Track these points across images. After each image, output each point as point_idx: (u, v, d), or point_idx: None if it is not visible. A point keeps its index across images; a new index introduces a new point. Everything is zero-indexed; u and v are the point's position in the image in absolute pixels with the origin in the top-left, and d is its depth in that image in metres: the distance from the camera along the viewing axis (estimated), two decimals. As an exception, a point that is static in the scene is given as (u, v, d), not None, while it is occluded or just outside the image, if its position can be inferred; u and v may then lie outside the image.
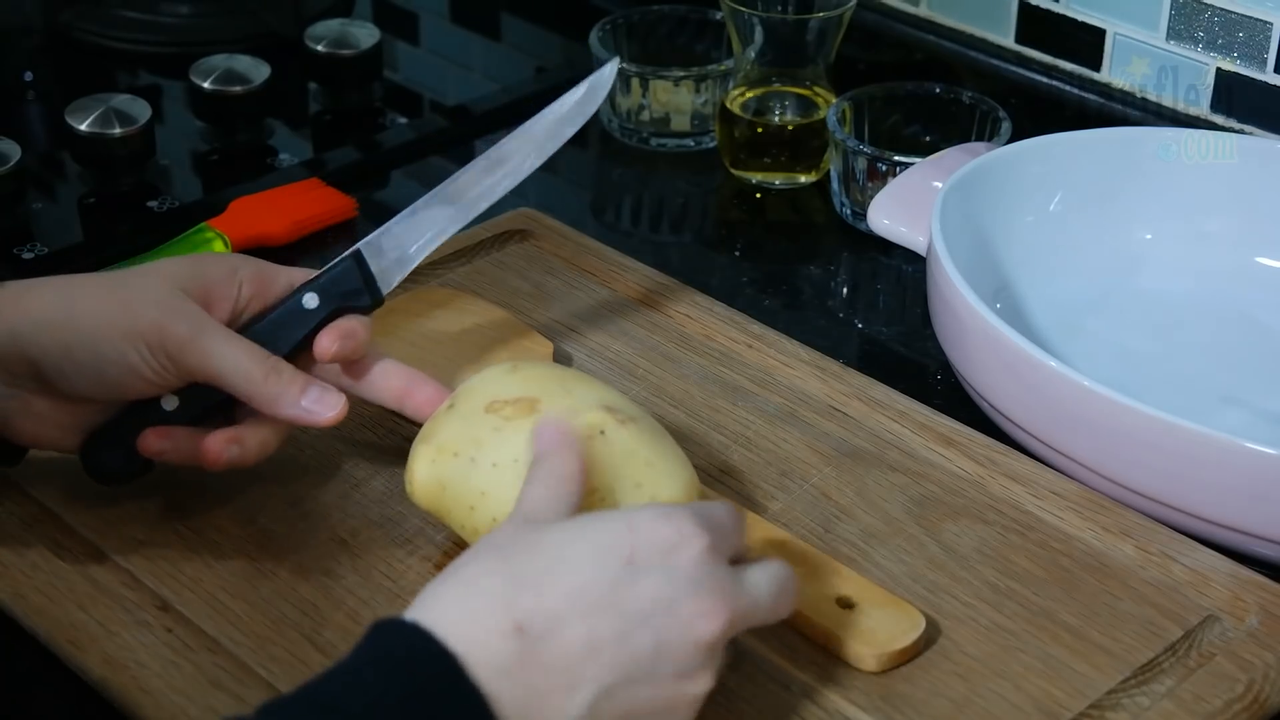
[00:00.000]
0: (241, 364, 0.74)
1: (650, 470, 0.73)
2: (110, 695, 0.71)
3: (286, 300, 0.78)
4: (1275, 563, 0.80)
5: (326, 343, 0.77)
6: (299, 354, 0.77)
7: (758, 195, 1.10)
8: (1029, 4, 1.13)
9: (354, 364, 0.79)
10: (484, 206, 0.84)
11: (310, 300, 0.77)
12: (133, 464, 0.77)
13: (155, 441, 0.76)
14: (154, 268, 0.76)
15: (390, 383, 0.79)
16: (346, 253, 0.79)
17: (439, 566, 0.77)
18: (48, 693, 0.73)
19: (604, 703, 0.60)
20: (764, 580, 0.66)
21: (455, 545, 0.77)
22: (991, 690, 0.72)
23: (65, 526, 0.79)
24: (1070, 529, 0.80)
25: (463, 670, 0.58)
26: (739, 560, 0.67)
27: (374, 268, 0.79)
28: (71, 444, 0.77)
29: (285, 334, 0.77)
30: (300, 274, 0.79)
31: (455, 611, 0.60)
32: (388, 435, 0.85)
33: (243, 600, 0.75)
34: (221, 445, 0.75)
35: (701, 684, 0.63)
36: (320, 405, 0.75)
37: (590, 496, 0.71)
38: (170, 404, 0.76)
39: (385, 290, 0.80)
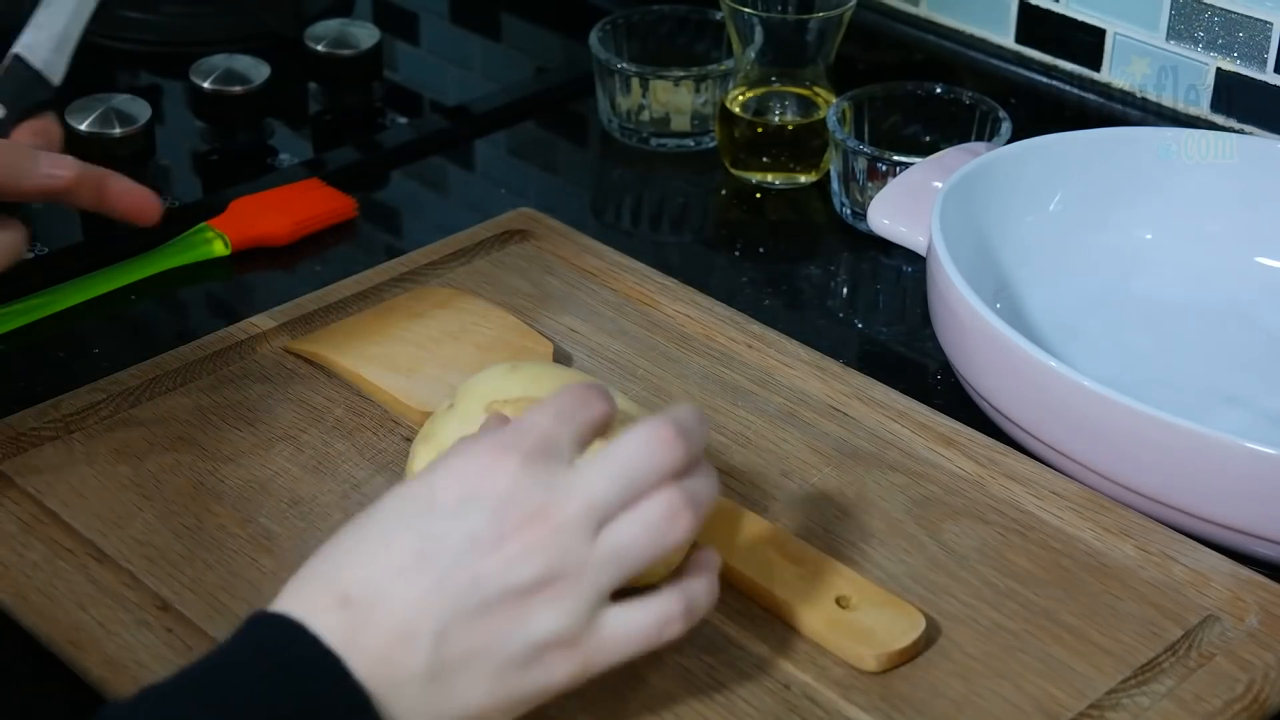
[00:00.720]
0: None
1: (650, 470, 0.73)
2: (110, 695, 0.71)
3: None
4: (1275, 563, 0.80)
5: (25, 139, 0.78)
6: None
7: (758, 195, 1.10)
8: (1029, 4, 1.13)
9: None
10: None
11: None
12: None
13: None
14: None
15: (88, 180, 0.79)
16: (6, 59, 0.79)
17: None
18: (48, 693, 0.73)
19: (446, 646, 0.61)
20: (606, 461, 0.64)
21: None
22: (991, 690, 0.72)
23: (65, 526, 0.79)
24: (1070, 529, 0.80)
25: (314, 641, 0.61)
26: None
27: (38, 63, 0.79)
28: None
29: None
30: None
31: (291, 597, 0.63)
32: (387, 435, 0.85)
33: (243, 600, 0.75)
34: None
35: (548, 599, 0.62)
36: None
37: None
38: None
39: (56, 77, 0.80)
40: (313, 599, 0.62)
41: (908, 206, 0.94)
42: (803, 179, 1.10)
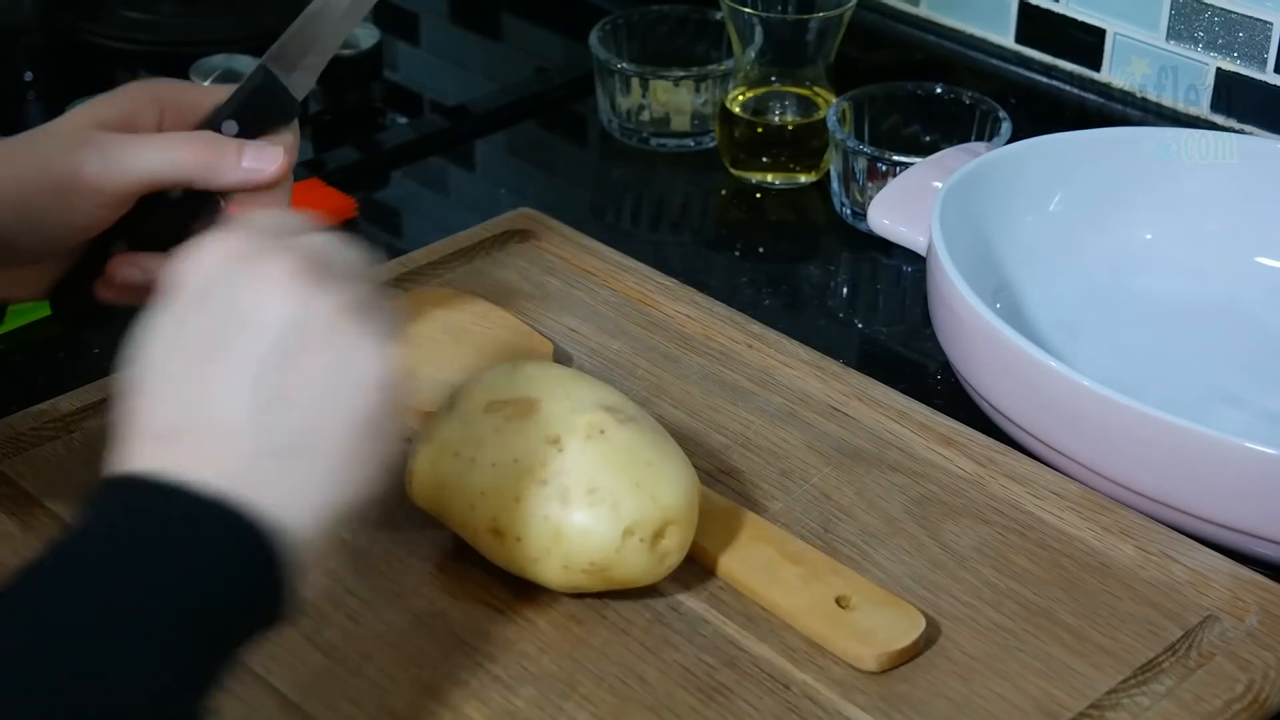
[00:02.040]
0: (168, 152, 0.74)
1: (650, 470, 0.73)
2: (110, 695, 0.71)
3: (206, 127, 0.76)
4: (1275, 563, 0.80)
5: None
6: None
7: (758, 195, 1.10)
8: (1029, 4, 1.13)
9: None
10: None
11: (230, 126, 0.76)
12: (97, 306, 0.78)
13: (104, 290, 0.77)
14: (75, 112, 0.76)
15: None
16: (254, 70, 0.77)
17: (439, 566, 0.77)
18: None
19: (266, 410, 0.58)
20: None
21: (455, 545, 0.77)
22: (991, 690, 0.72)
23: (65, 526, 0.78)
24: (1070, 529, 0.80)
25: (184, 492, 0.58)
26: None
27: (285, 80, 0.77)
28: (40, 294, 0.78)
29: None
30: (219, 91, 0.78)
31: (127, 456, 0.60)
32: (388, 435, 0.84)
33: (243, 600, 0.75)
34: (119, 268, 0.76)
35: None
36: (261, 161, 0.75)
37: (590, 496, 0.71)
38: (120, 248, 0.77)
39: (300, 97, 0.78)
40: (146, 448, 0.59)
41: (908, 206, 0.94)
42: (803, 179, 1.10)
